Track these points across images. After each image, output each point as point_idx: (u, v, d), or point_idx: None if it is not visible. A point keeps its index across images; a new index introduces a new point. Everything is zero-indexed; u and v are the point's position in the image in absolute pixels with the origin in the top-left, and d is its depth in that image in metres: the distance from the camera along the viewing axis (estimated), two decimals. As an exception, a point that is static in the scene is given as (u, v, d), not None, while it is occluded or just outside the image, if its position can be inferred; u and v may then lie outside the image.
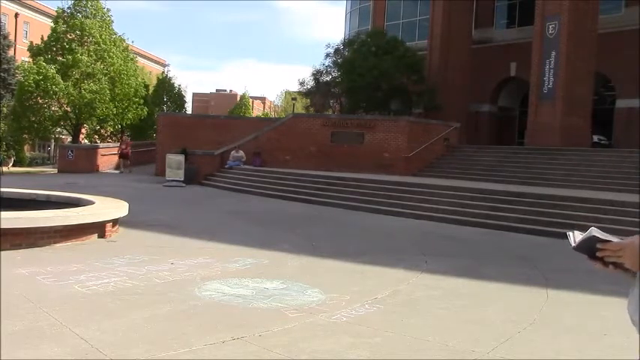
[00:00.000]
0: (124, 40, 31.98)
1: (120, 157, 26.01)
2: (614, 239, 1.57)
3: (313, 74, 29.29)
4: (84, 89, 28.34)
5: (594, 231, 1.59)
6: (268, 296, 5.43)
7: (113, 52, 29.80)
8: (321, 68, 29.22)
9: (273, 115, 79.01)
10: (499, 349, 4.19)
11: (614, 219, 10.73)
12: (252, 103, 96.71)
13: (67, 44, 29.17)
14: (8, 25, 40.12)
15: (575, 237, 1.62)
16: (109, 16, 31.02)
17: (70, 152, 26.01)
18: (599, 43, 21.47)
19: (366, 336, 4.34)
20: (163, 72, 49.98)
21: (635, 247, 1.52)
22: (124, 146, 26.26)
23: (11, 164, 34.10)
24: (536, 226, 11.12)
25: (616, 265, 1.56)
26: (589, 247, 1.59)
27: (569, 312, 5.51)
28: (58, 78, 27.43)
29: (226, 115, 48.68)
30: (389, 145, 20.90)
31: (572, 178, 16.77)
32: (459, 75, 26.43)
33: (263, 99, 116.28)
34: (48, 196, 10.49)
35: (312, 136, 21.62)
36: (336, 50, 28.91)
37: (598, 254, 1.57)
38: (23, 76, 28.56)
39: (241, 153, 21.69)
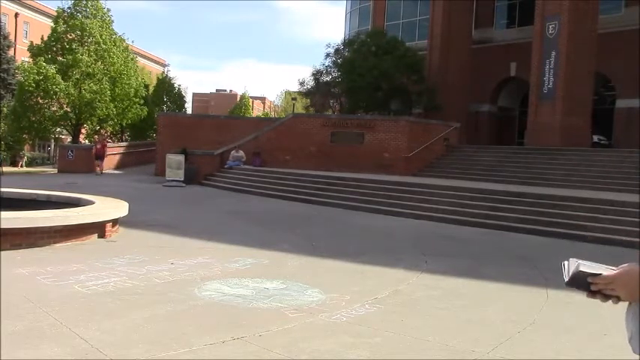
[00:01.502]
0: (124, 40, 31.95)
1: (95, 158, 23.99)
2: (603, 271, 1.45)
3: (313, 74, 29.30)
4: (84, 89, 28.33)
5: (581, 265, 1.47)
6: (268, 296, 5.42)
7: (113, 52, 29.77)
8: (321, 68, 29.25)
9: (273, 115, 78.99)
10: (499, 349, 4.19)
11: (614, 219, 10.73)
12: (252, 103, 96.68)
13: (67, 44, 29.13)
14: (8, 25, 40.11)
15: (570, 267, 1.51)
16: (109, 16, 31.00)
17: (70, 152, 25.99)
18: (599, 43, 21.47)
19: (366, 336, 4.34)
20: (163, 72, 49.96)
21: (628, 279, 1.41)
22: (99, 146, 24.45)
23: (22, 163, 34.02)
24: (536, 226, 11.12)
25: (618, 297, 1.45)
26: (582, 282, 1.48)
27: (569, 312, 5.50)
28: (59, 78, 27.40)
29: (226, 115, 48.64)
30: (389, 145, 20.89)
31: (572, 178, 16.77)
32: (459, 75, 26.42)
33: (263, 99, 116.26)
34: (48, 196, 10.49)
35: (312, 136, 21.62)
36: (336, 50, 28.91)
37: (592, 288, 1.47)
38: (23, 76, 28.54)
39: (241, 153, 21.69)
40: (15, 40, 39.33)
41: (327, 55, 29.01)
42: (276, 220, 12.13)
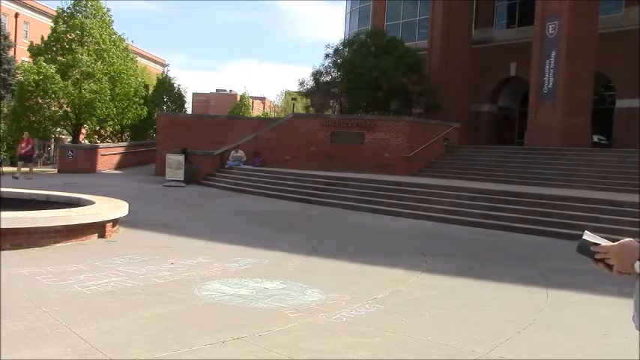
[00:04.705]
0: (124, 40, 31.94)
1: (20, 159, 21.76)
2: (605, 242, 1.60)
3: (313, 74, 29.25)
4: (84, 89, 28.32)
5: (586, 234, 1.63)
6: (268, 296, 5.42)
7: (113, 52, 29.76)
8: (321, 68, 29.19)
9: (273, 115, 79.03)
10: (499, 349, 4.19)
11: (614, 219, 10.73)
12: (252, 103, 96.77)
13: (67, 44, 29.12)
14: (8, 25, 40.08)
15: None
16: (109, 16, 30.98)
17: (70, 152, 25.98)
18: (599, 43, 21.46)
19: (366, 336, 4.34)
20: (163, 72, 49.94)
21: (621, 249, 1.56)
22: (23, 145, 21.89)
23: (40, 162, 33.72)
24: (536, 226, 11.12)
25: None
26: (587, 250, 1.62)
27: (569, 312, 5.51)
28: (58, 77, 27.39)
29: (226, 115, 48.67)
30: (389, 145, 20.89)
31: (572, 178, 16.76)
32: (459, 75, 26.43)
33: (263, 99, 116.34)
34: (48, 196, 10.49)
35: (312, 136, 21.61)
36: (336, 50, 28.88)
37: (596, 257, 1.61)
38: (23, 76, 28.52)
39: (241, 153, 21.69)
40: (15, 40, 39.29)
41: (327, 55, 29.00)
42: (276, 220, 12.13)
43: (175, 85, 38.76)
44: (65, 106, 28.93)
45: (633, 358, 1.67)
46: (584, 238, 1.62)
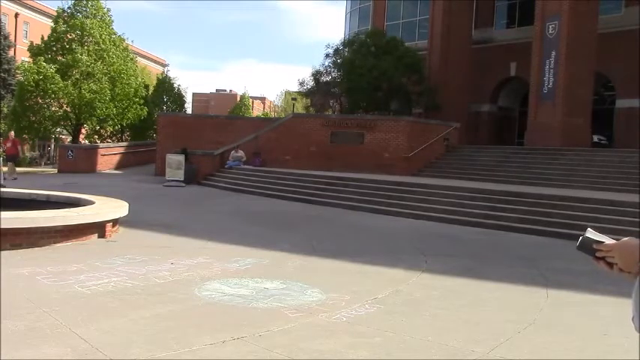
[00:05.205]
0: (124, 40, 31.94)
1: (8, 160, 20.46)
2: (608, 240, 1.59)
3: (313, 74, 29.25)
4: (84, 89, 28.31)
5: (588, 232, 1.63)
6: (268, 296, 5.42)
7: (113, 52, 29.75)
8: (321, 68, 29.19)
9: (273, 115, 79.04)
10: (499, 349, 4.19)
11: (614, 219, 10.72)
12: (252, 103, 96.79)
13: (67, 44, 29.11)
14: (8, 25, 40.09)
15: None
16: (109, 16, 30.97)
17: (70, 152, 25.99)
18: (599, 43, 21.46)
19: (366, 336, 4.34)
20: (163, 72, 49.94)
21: (624, 248, 1.56)
22: (9, 144, 20.74)
23: (43, 163, 33.65)
24: (536, 226, 11.12)
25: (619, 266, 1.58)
26: (588, 248, 1.61)
27: (569, 312, 5.51)
28: (58, 77, 27.38)
29: (226, 115, 48.68)
30: (389, 145, 20.89)
31: (572, 178, 16.76)
32: (459, 75, 26.42)
33: (263, 99, 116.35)
34: (48, 196, 10.49)
35: (312, 136, 21.60)
36: (336, 50, 28.88)
37: (597, 254, 1.60)
38: (23, 76, 28.51)
39: (241, 153, 21.69)
40: (15, 40, 39.29)
41: (327, 55, 28.99)
42: (276, 220, 12.13)
43: (175, 85, 38.75)
44: (65, 106, 28.91)
45: (633, 358, 1.67)
46: (586, 235, 1.62)
